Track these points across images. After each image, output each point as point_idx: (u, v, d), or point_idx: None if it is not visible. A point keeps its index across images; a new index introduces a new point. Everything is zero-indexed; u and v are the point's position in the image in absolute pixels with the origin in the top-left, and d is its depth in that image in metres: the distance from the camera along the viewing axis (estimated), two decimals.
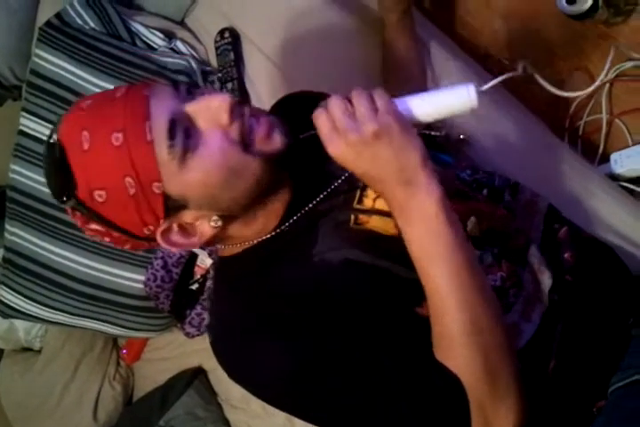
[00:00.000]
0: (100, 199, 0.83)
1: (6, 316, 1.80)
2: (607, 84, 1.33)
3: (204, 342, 1.71)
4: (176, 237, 0.88)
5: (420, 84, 1.35)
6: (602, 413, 0.89)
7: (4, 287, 1.74)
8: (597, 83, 1.01)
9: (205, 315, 1.76)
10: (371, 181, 0.81)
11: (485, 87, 0.80)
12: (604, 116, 1.34)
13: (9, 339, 2.05)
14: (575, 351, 0.94)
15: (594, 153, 1.36)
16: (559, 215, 1.09)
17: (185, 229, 0.89)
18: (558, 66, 1.37)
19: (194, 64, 1.61)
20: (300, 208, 0.94)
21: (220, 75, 1.59)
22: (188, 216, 0.87)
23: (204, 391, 1.77)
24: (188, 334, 1.75)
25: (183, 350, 1.86)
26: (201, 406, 1.74)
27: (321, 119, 0.79)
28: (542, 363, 0.91)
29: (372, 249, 0.88)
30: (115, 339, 2.05)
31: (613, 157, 1.31)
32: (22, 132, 1.65)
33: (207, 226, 0.88)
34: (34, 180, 1.65)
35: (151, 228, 0.86)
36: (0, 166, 1.76)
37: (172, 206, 0.85)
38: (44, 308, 1.73)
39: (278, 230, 0.93)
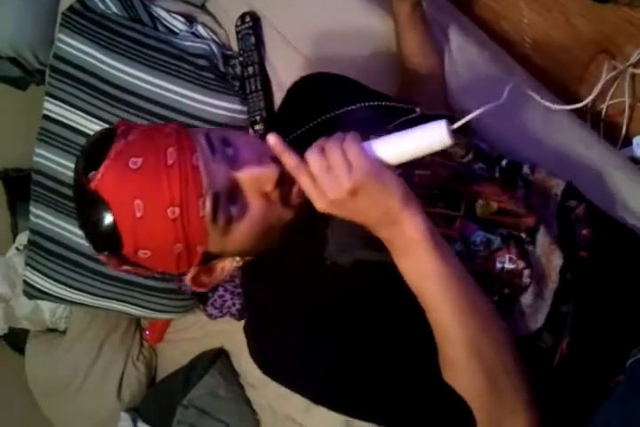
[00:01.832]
0: (143, 256, 0.87)
1: (32, 297, 1.83)
2: (630, 68, 1.32)
3: (225, 323, 1.74)
4: (202, 277, 0.94)
5: (436, 76, 1.34)
6: (618, 385, 0.90)
7: (30, 269, 1.77)
8: (621, 67, 1.00)
9: (227, 296, 1.78)
10: (361, 224, 0.84)
11: (457, 125, 0.79)
12: (627, 100, 1.33)
13: (35, 320, 2.08)
14: (590, 328, 0.94)
15: (616, 136, 1.35)
16: (578, 193, 1.09)
17: (209, 269, 0.95)
18: (582, 49, 1.36)
19: (215, 48, 1.61)
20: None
21: (240, 59, 1.59)
22: (217, 262, 0.94)
23: (226, 372, 1.79)
24: (210, 316, 1.77)
25: (205, 331, 1.88)
26: (223, 386, 1.76)
27: (303, 179, 0.81)
28: (557, 339, 0.93)
29: (384, 247, 0.89)
30: (138, 320, 2.07)
31: (636, 140, 1.31)
32: (46, 117, 1.66)
33: (229, 264, 0.95)
34: (58, 163, 1.67)
35: (182, 273, 0.92)
36: (25, 150, 1.78)
37: (208, 258, 0.91)
38: (68, 289, 1.76)
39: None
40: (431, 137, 0.78)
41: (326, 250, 0.93)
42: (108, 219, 0.83)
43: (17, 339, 2.14)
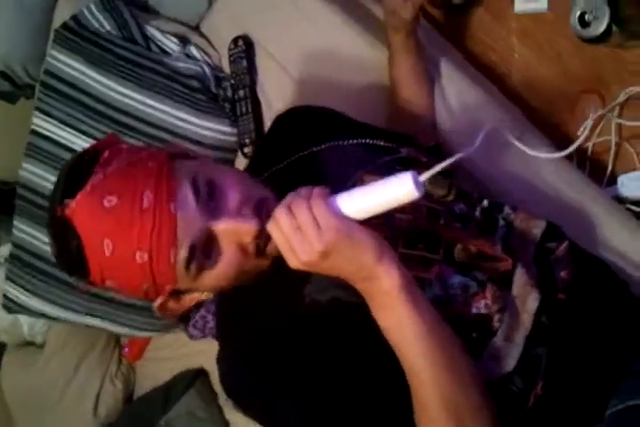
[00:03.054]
0: (110, 285, 0.88)
1: (11, 311, 1.82)
2: (617, 107, 1.33)
3: (206, 343, 1.72)
4: (170, 304, 0.95)
5: (427, 105, 1.35)
6: None
7: (10, 283, 1.76)
8: (607, 108, 1.01)
9: (209, 317, 1.77)
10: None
11: (425, 176, 0.77)
12: (613, 139, 1.34)
13: (13, 333, 2.07)
14: (565, 372, 0.95)
15: (601, 174, 1.37)
16: (559, 233, 1.09)
17: (178, 298, 0.95)
18: (571, 86, 1.38)
19: (207, 70, 1.62)
20: None
21: (232, 81, 1.60)
22: (187, 295, 0.95)
23: (205, 392, 1.78)
24: (191, 337, 1.75)
25: (186, 350, 1.86)
26: (201, 407, 1.75)
27: (276, 236, 0.80)
28: (530, 383, 0.93)
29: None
30: (117, 337, 2.05)
31: (621, 179, 1.32)
32: (34, 132, 1.66)
33: (199, 295, 0.96)
34: (44, 178, 1.67)
35: (151, 300, 0.93)
36: (10, 163, 1.78)
37: (177, 293, 0.92)
38: (49, 304, 1.75)
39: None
40: (398, 191, 0.77)
41: (306, 288, 0.93)
42: (78, 248, 0.83)
43: None
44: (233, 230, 0.85)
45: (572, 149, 0.83)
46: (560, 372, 0.94)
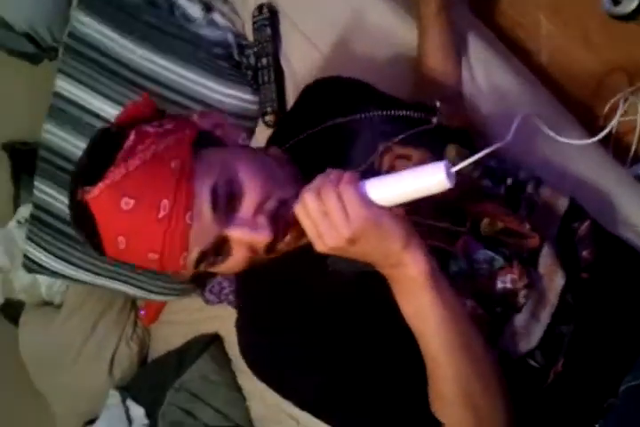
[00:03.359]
0: (127, 261, 0.89)
1: (31, 271, 1.85)
2: None
3: (222, 309, 1.75)
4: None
5: (454, 79, 1.34)
6: (613, 410, 0.91)
7: (31, 243, 1.79)
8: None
9: (225, 283, 1.79)
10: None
11: (457, 167, 0.77)
12: (639, 119, 1.33)
13: (31, 293, 2.10)
14: (587, 350, 0.95)
15: (625, 155, 1.35)
16: (582, 212, 1.09)
17: None
18: (598, 65, 1.36)
19: (230, 37, 1.62)
20: None
21: (255, 49, 1.59)
22: None
23: (219, 357, 1.81)
24: (207, 302, 1.79)
25: (201, 315, 1.89)
26: (215, 371, 1.78)
27: (304, 221, 0.80)
28: (551, 360, 0.93)
29: None
30: (134, 299, 2.09)
31: None
32: (57, 94, 1.67)
33: None
34: (66, 140, 1.68)
35: None
36: (31, 124, 1.79)
37: None
38: (68, 265, 1.78)
39: None
40: (430, 181, 0.76)
41: (329, 257, 0.91)
42: (94, 232, 0.84)
43: (13, 310, 2.16)
44: (246, 240, 0.86)
45: (601, 135, 0.83)
46: (582, 349, 0.95)
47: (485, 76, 1.32)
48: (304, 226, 0.80)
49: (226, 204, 0.84)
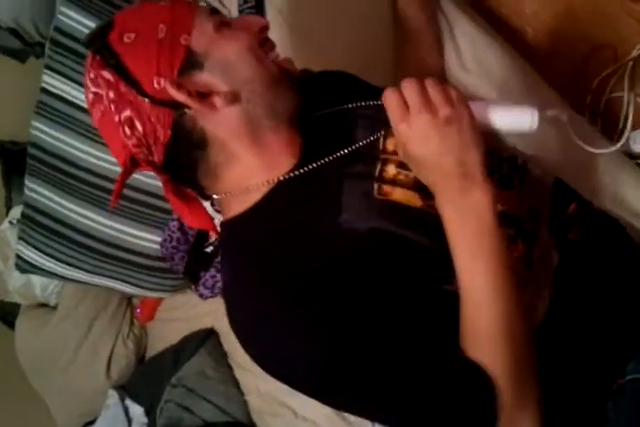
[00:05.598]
0: (127, 40, 0.85)
1: (24, 271, 1.83)
2: (631, 62, 1.31)
3: (216, 303, 1.74)
4: (184, 96, 0.85)
5: (432, 57, 1.34)
6: (623, 398, 0.90)
7: (23, 243, 1.77)
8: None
9: (219, 277, 1.78)
10: (424, 168, 0.82)
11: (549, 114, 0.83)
12: (626, 95, 1.33)
13: (26, 294, 2.09)
14: (588, 328, 0.95)
15: (613, 131, 1.35)
16: (567, 190, 1.09)
17: (195, 95, 0.86)
18: (584, 42, 1.36)
19: None
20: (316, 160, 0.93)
21: None
22: (200, 79, 0.87)
23: (215, 352, 1.80)
24: (201, 296, 1.78)
25: (196, 311, 1.88)
26: (212, 366, 1.77)
27: (392, 97, 0.79)
28: (557, 340, 0.92)
29: (400, 220, 0.88)
30: (129, 298, 2.08)
31: (632, 135, 1.31)
32: (45, 90, 1.66)
33: (218, 100, 0.87)
34: (55, 137, 1.67)
35: (162, 82, 0.85)
36: (21, 124, 1.78)
37: (189, 63, 0.86)
38: (60, 264, 1.76)
39: (295, 173, 0.92)
40: (524, 118, 0.81)
41: (341, 216, 0.88)
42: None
43: (8, 313, 2.15)
44: (242, 19, 0.93)
45: (620, 144, 0.85)
46: (583, 327, 0.94)
47: (473, 55, 1.32)
48: (390, 102, 0.80)
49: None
